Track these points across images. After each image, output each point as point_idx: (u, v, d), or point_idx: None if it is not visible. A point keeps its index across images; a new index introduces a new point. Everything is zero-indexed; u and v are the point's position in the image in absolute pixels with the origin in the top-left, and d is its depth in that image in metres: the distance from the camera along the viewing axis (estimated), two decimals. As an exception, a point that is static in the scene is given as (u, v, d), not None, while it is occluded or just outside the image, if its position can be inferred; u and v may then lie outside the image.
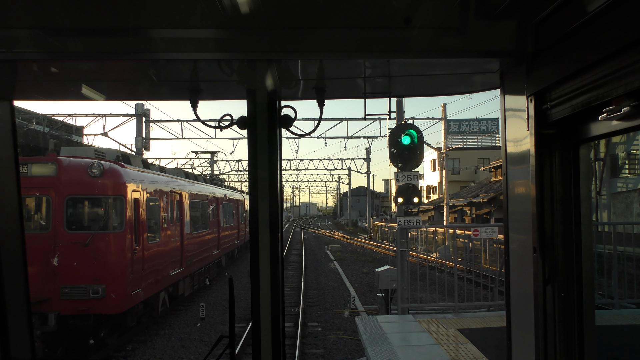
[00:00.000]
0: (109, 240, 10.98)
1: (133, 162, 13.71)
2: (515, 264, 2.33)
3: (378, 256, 34.47)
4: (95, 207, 11.24)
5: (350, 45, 2.26)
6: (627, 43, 1.54)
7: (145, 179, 13.19)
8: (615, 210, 19.01)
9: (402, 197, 10.90)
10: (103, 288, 10.59)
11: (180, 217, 16.14)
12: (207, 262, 20.22)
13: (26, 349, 2.74)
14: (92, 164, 10.72)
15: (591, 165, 3.15)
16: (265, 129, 2.58)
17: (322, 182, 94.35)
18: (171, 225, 15.00)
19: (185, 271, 16.37)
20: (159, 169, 16.98)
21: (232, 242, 26.80)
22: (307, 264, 29.17)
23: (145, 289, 12.44)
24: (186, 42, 2.23)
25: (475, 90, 3.08)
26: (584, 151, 2.09)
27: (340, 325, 14.92)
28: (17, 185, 2.71)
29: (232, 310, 2.66)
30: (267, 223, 2.60)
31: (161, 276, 13.82)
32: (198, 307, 16.06)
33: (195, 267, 17.91)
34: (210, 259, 20.72)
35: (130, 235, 11.39)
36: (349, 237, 53.36)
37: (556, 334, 2.08)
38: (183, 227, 16.22)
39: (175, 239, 15.25)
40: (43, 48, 2.23)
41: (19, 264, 2.71)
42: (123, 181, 11.38)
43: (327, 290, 20.80)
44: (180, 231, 15.97)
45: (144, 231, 12.39)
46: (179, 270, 15.56)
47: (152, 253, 12.91)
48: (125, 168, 11.86)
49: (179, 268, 15.61)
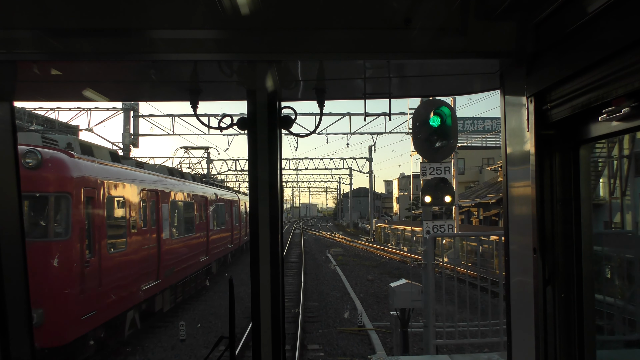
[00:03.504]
0: (48, 251, 8.46)
1: (97, 153, 11.21)
2: (515, 264, 2.35)
3: (383, 260, 32.73)
4: (33, 208, 8.68)
5: (350, 46, 2.26)
6: (627, 44, 1.56)
7: (108, 174, 10.71)
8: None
9: (430, 195, 8.38)
10: (40, 313, 8.07)
11: (158, 220, 13.65)
12: (193, 270, 17.69)
13: (26, 349, 2.73)
14: (26, 152, 8.18)
15: (612, 163, 3.43)
16: (265, 129, 2.60)
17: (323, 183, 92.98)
18: (144, 230, 12.50)
19: (164, 283, 13.87)
20: (136, 164, 14.50)
21: (224, 246, 24.29)
22: (307, 269, 27.38)
23: (103, 310, 9.94)
24: (187, 43, 2.25)
25: (475, 91, 3.18)
26: (584, 152, 2.11)
27: (346, 349, 12.69)
28: (17, 185, 2.72)
29: (232, 310, 2.70)
30: (267, 224, 2.62)
31: (129, 292, 11.35)
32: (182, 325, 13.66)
33: (177, 277, 15.39)
34: (196, 267, 18.19)
35: (79, 244, 8.88)
36: (350, 239, 51.80)
37: (556, 335, 2.10)
38: (160, 232, 13.73)
39: (149, 246, 12.76)
40: (43, 49, 2.23)
41: (19, 264, 2.70)
42: (70, 175, 8.88)
43: (330, 302, 18.82)
44: (157, 236, 13.50)
45: (103, 238, 9.89)
46: (154, 283, 13.08)
47: (114, 265, 10.43)
48: (76, 159, 9.30)
49: (154, 280, 13.13)
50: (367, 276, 25.30)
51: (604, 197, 4.54)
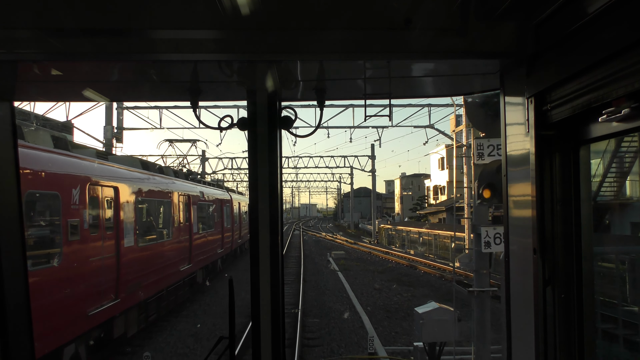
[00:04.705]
0: None
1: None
2: (515, 265, 2.36)
3: (389, 265, 30.10)
4: None
5: (350, 47, 2.28)
6: (627, 44, 1.57)
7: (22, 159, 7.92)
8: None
9: (489, 189, 5.59)
10: None
11: (117, 223, 10.85)
12: (171, 282, 14.88)
13: (26, 349, 2.72)
14: None
15: (633, 160, 3.25)
16: (265, 130, 2.64)
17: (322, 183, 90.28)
18: (93, 237, 9.70)
19: (126, 302, 11.07)
20: (95, 154, 11.65)
21: (212, 251, 21.47)
22: (307, 276, 24.77)
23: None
24: (187, 43, 2.27)
25: (475, 92, 3.26)
26: (584, 152, 2.12)
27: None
28: (17, 185, 2.71)
29: (232, 310, 2.72)
30: (267, 224, 2.65)
31: (66, 320, 8.57)
32: (147, 357, 10.87)
33: (147, 293, 12.58)
34: (175, 277, 15.37)
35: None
36: (352, 241, 49.23)
37: (556, 335, 2.11)
38: (121, 238, 10.93)
39: (101, 257, 9.96)
40: (43, 49, 2.24)
41: (18, 264, 2.70)
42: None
43: (333, 318, 16.23)
44: (116, 244, 10.69)
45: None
46: (110, 304, 10.28)
47: (39, 286, 7.64)
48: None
49: (110, 300, 10.33)
50: (373, 284, 22.77)
51: (631, 196, 4.27)
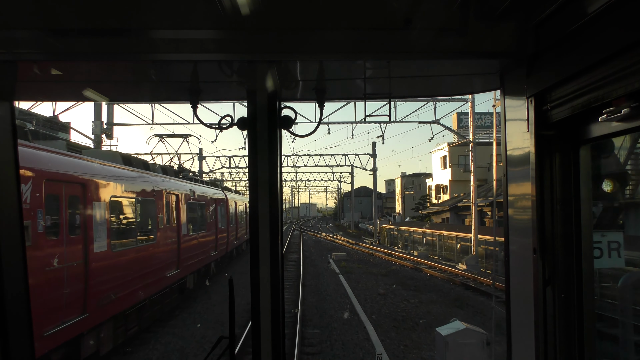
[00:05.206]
0: None
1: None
2: (515, 265, 2.35)
3: (393, 268, 28.71)
4: None
5: (350, 47, 2.28)
6: (626, 44, 1.58)
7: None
8: None
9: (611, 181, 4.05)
10: None
11: (84, 226, 9.34)
12: (154, 291, 13.37)
13: (26, 349, 2.72)
14: None
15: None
16: (265, 130, 2.63)
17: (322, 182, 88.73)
18: (52, 242, 8.20)
19: (95, 317, 9.56)
20: (65, 146, 10.17)
21: (204, 254, 19.96)
22: (306, 280, 23.42)
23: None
24: (187, 43, 2.28)
25: (475, 92, 3.31)
26: (584, 152, 2.12)
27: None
28: (17, 185, 2.71)
29: (232, 310, 2.71)
30: (267, 223, 2.64)
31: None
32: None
33: (123, 304, 11.06)
34: (159, 285, 13.86)
35: None
36: (353, 241, 47.88)
37: (556, 335, 2.11)
38: (90, 243, 9.42)
39: (61, 267, 8.45)
40: (43, 49, 2.25)
41: (18, 264, 2.69)
42: None
43: (335, 328, 14.78)
44: (84, 249, 9.19)
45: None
46: (76, 320, 8.77)
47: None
48: None
49: (76, 316, 8.83)
50: (377, 289, 21.29)
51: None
